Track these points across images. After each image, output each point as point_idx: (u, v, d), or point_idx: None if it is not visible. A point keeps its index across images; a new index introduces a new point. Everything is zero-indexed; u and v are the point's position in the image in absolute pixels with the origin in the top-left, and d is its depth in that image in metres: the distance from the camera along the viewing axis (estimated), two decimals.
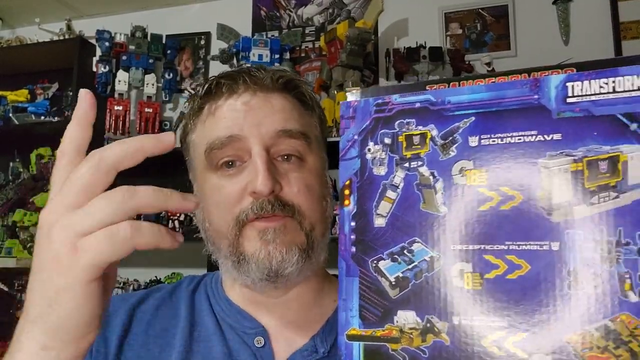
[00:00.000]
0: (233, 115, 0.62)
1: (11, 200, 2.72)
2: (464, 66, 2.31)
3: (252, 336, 0.63)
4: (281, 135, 0.61)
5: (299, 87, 0.66)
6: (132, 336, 0.64)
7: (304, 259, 0.59)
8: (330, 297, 0.68)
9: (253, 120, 0.61)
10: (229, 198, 0.60)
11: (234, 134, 0.60)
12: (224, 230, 0.61)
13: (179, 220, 2.45)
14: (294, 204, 0.60)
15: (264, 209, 0.58)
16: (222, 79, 0.64)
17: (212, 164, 0.62)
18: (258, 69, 0.64)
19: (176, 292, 0.70)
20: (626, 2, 2.23)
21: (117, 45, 2.58)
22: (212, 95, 0.64)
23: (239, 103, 0.62)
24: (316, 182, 0.63)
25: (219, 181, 0.62)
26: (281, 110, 0.62)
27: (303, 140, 0.62)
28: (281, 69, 0.67)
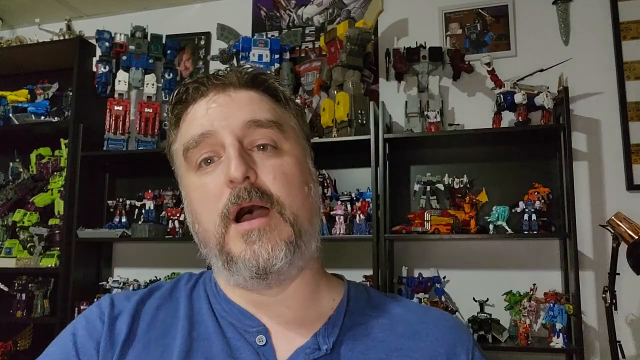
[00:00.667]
0: (203, 114, 0.63)
1: (11, 200, 2.71)
2: (464, 66, 2.31)
3: (254, 334, 0.63)
4: (251, 125, 0.61)
5: (266, 81, 0.66)
6: (135, 338, 0.64)
7: (292, 251, 0.59)
8: (328, 295, 0.68)
9: (221, 115, 0.62)
10: (211, 195, 0.61)
11: (205, 130, 0.61)
12: (211, 229, 0.61)
13: (179, 220, 2.45)
14: (271, 192, 0.60)
15: (240, 197, 0.58)
16: (189, 85, 0.65)
17: (191, 165, 0.63)
18: (225, 70, 0.66)
19: (175, 290, 0.70)
20: (626, 2, 2.23)
21: (117, 45, 2.58)
22: (184, 102, 0.66)
23: (209, 103, 0.64)
24: (295, 167, 0.63)
25: (200, 179, 0.62)
26: (249, 102, 0.64)
27: (275, 129, 0.62)
28: (247, 66, 0.67)
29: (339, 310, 0.66)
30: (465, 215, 2.13)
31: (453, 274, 2.25)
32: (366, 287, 0.73)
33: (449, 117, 2.35)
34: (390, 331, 0.66)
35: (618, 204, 2.07)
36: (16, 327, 2.56)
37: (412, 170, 2.35)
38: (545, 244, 2.19)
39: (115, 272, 2.66)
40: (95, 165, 2.59)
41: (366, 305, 0.69)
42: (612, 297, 1.73)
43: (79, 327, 0.65)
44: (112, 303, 0.67)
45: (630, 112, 2.17)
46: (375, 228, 2.08)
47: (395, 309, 0.69)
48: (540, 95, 2.06)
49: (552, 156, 2.20)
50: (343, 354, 0.62)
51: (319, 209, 0.67)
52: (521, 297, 2.05)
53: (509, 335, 2.05)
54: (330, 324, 0.64)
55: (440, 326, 0.67)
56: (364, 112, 2.20)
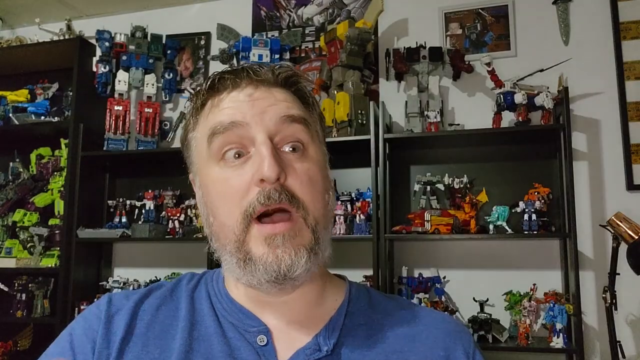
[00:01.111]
0: (236, 105, 0.61)
1: (11, 200, 2.71)
2: (464, 66, 2.31)
3: (255, 334, 0.63)
4: (285, 120, 0.61)
5: (299, 82, 0.66)
6: (133, 338, 0.64)
7: (312, 258, 0.59)
8: (331, 296, 0.68)
9: (256, 109, 0.61)
10: (236, 190, 0.59)
11: (237, 120, 0.60)
12: (231, 224, 0.59)
13: (178, 220, 2.45)
14: (299, 196, 0.59)
15: (271, 198, 0.57)
16: (225, 74, 0.64)
17: (215, 154, 0.61)
18: (260, 66, 0.65)
19: (176, 290, 0.70)
20: (626, 2, 2.23)
21: (117, 45, 2.58)
22: (215, 90, 0.64)
23: (242, 95, 0.62)
24: (319, 174, 0.62)
25: (224, 172, 0.60)
26: (283, 100, 0.63)
27: (305, 126, 0.62)
28: (283, 65, 0.67)
29: (340, 311, 0.66)
30: (465, 215, 2.13)
31: (453, 274, 2.25)
32: (368, 288, 0.73)
33: (449, 117, 2.35)
34: (390, 333, 0.65)
35: (618, 204, 2.07)
36: (16, 327, 2.57)
37: (412, 170, 2.35)
38: (545, 244, 2.19)
39: (115, 272, 2.66)
40: (95, 165, 2.59)
41: (367, 306, 0.69)
42: (612, 297, 1.73)
43: (77, 326, 0.65)
44: (110, 302, 0.67)
45: (630, 112, 2.17)
46: (375, 228, 2.08)
47: (395, 311, 0.69)
48: (540, 95, 2.06)
49: (552, 156, 2.20)
50: (343, 355, 0.62)
51: (333, 217, 0.67)
52: (521, 297, 2.05)
53: (509, 335, 2.05)
54: (331, 325, 0.64)
55: (440, 328, 0.67)
56: (364, 112, 2.20)
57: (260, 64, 0.65)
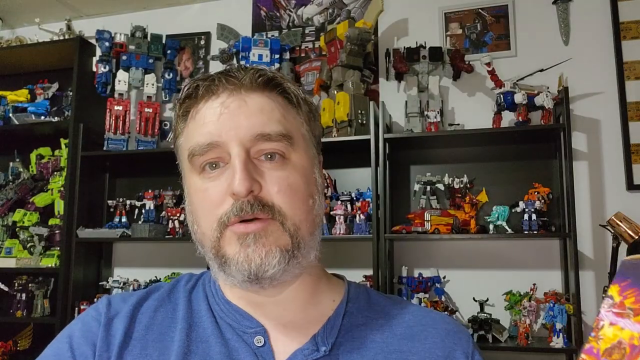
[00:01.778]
0: (211, 120, 0.61)
1: (11, 200, 2.72)
2: (464, 66, 2.31)
3: (252, 335, 0.62)
4: (259, 138, 0.60)
5: (280, 84, 0.64)
6: (132, 341, 0.64)
7: (287, 260, 0.59)
8: (328, 297, 0.68)
9: (231, 123, 0.60)
10: (212, 201, 0.60)
11: (213, 140, 0.60)
12: (208, 233, 0.61)
13: (178, 220, 2.45)
14: (274, 204, 0.59)
15: (243, 210, 0.58)
16: (201, 81, 0.63)
17: (195, 167, 0.63)
18: (238, 70, 0.63)
19: (174, 292, 0.70)
20: (626, 2, 2.23)
21: (117, 45, 2.58)
22: (193, 98, 0.64)
23: (216, 104, 0.62)
24: (301, 180, 0.62)
25: (203, 184, 0.62)
26: (259, 111, 0.61)
27: (284, 142, 0.61)
28: (261, 68, 0.64)
29: (338, 311, 0.66)
30: (465, 215, 2.13)
31: (453, 274, 2.25)
32: (367, 288, 0.73)
33: (449, 117, 2.35)
34: (389, 333, 0.65)
35: (618, 204, 2.07)
36: (16, 327, 2.57)
37: (412, 170, 2.35)
38: (545, 244, 2.19)
39: (115, 272, 2.66)
40: (95, 165, 2.59)
41: (366, 306, 0.69)
42: None
43: (76, 329, 0.65)
44: (108, 305, 0.67)
45: (630, 112, 2.17)
46: (375, 228, 2.08)
47: (394, 311, 0.69)
48: (540, 95, 2.06)
49: (552, 156, 2.20)
50: (341, 356, 0.62)
51: (322, 220, 0.66)
52: (521, 297, 2.05)
53: (509, 335, 2.05)
54: (328, 325, 0.64)
55: (439, 329, 0.67)
56: (364, 112, 2.20)
57: (242, 67, 0.65)
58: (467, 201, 2.16)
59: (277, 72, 0.66)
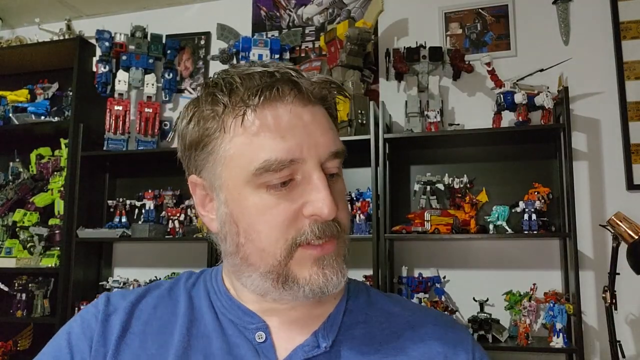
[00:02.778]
0: (289, 132, 0.57)
1: (11, 200, 2.72)
2: (464, 66, 2.31)
3: (253, 331, 0.63)
4: (332, 155, 0.60)
5: (332, 98, 0.64)
6: (130, 336, 0.64)
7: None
8: (333, 296, 0.68)
9: (310, 139, 0.58)
10: (282, 219, 0.57)
11: (295, 157, 0.56)
12: (272, 251, 0.57)
13: (178, 220, 2.45)
14: (344, 223, 0.61)
15: (326, 232, 0.57)
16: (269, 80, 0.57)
17: (260, 182, 0.57)
18: (298, 74, 0.59)
19: (175, 289, 0.70)
20: (626, 2, 2.23)
21: (117, 45, 2.58)
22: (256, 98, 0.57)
23: (290, 115, 0.57)
24: (345, 192, 0.66)
25: (269, 199, 0.57)
26: (329, 128, 0.61)
27: (342, 158, 0.63)
28: (315, 76, 0.61)
29: (338, 308, 0.67)
30: (465, 215, 2.13)
31: (453, 274, 2.25)
32: (367, 286, 0.74)
33: (449, 117, 2.35)
34: (388, 330, 0.66)
35: (618, 204, 2.07)
36: (16, 327, 2.57)
37: (412, 170, 2.35)
38: (545, 244, 2.19)
39: (115, 272, 2.66)
40: (95, 165, 2.59)
41: (366, 304, 0.69)
42: (612, 297, 1.73)
43: (74, 325, 0.66)
44: (107, 301, 0.68)
45: (630, 112, 2.17)
46: (375, 228, 2.08)
47: (394, 309, 0.69)
48: (540, 95, 2.06)
49: (552, 156, 2.20)
50: (342, 352, 0.63)
51: None
52: (521, 297, 2.05)
53: (509, 335, 2.05)
54: (329, 322, 0.65)
55: (439, 327, 0.67)
56: (364, 112, 2.20)
57: (295, 70, 0.60)
58: (467, 201, 2.15)
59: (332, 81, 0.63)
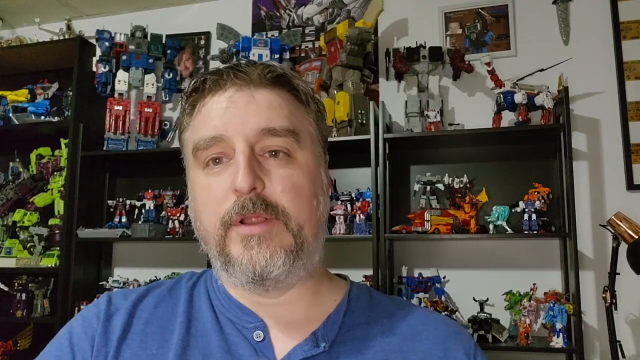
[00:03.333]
0: (218, 114, 0.60)
1: (11, 200, 2.72)
2: (464, 66, 2.31)
3: (252, 330, 0.63)
4: (265, 133, 0.59)
5: (290, 81, 0.63)
6: (131, 335, 0.64)
7: (291, 261, 0.58)
8: (329, 296, 0.68)
9: (237, 118, 0.59)
10: (214, 197, 0.59)
11: (219, 134, 0.59)
12: (211, 231, 0.60)
13: (178, 220, 2.45)
14: (277, 203, 0.58)
15: (245, 207, 0.57)
16: (209, 75, 0.63)
17: (199, 162, 0.62)
18: (248, 65, 0.63)
19: (175, 288, 0.70)
20: (626, 2, 2.23)
21: (117, 45, 2.58)
22: (200, 92, 0.63)
23: (223, 99, 0.61)
24: (306, 179, 0.61)
25: (206, 179, 0.61)
26: (267, 107, 0.61)
27: (291, 138, 0.60)
28: (271, 64, 0.63)
29: (338, 309, 0.66)
30: (465, 215, 2.13)
31: (453, 274, 2.25)
32: (369, 288, 0.73)
33: (449, 117, 2.35)
34: (389, 332, 0.65)
35: (618, 204, 2.07)
36: (16, 327, 2.56)
37: (412, 170, 2.35)
38: (545, 244, 2.19)
39: (115, 272, 2.66)
40: (95, 165, 2.60)
41: (367, 305, 0.69)
42: (612, 297, 1.74)
43: (76, 325, 0.66)
44: (109, 301, 0.68)
45: (630, 112, 2.17)
46: (375, 228, 2.08)
47: (396, 311, 0.69)
48: (540, 95, 2.06)
49: (552, 156, 2.20)
50: (341, 352, 0.62)
51: (326, 221, 0.65)
52: (521, 297, 2.05)
53: (509, 335, 2.05)
54: (329, 322, 0.65)
55: (440, 330, 0.67)
56: (364, 112, 2.20)
57: (251, 62, 0.64)
58: (467, 201, 2.15)
59: (287, 68, 0.66)
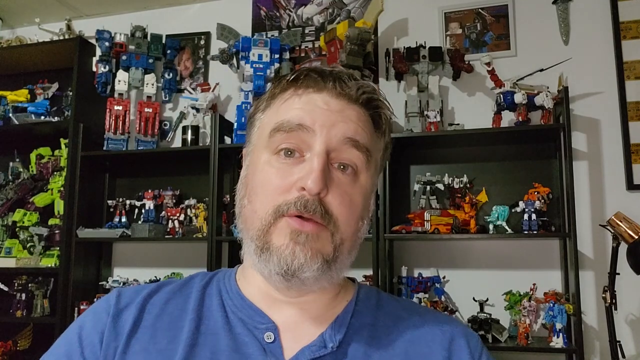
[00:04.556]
0: (310, 108, 0.62)
1: (11, 200, 2.72)
2: (464, 66, 2.31)
3: (263, 331, 0.63)
4: (347, 142, 0.61)
5: (378, 107, 0.66)
6: (141, 330, 0.65)
7: (325, 269, 0.60)
8: (343, 298, 0.69)
9: (327, 119, 0.61)
10: (277, 185, 0.61)
11: (305, 124, 0.61)
12: (261, 213, 0.61)
13: (178, 220, 2.45)
14: (333, 213, 0.60)
15: (307, 207, 0.58)
16: (313, 73, 0.64)
17: (273, 145, 0.62)
18: (348, 76, 0.65)
19: (187, 286, 0.71)
20: (626, 2, 2.23)
21: (117, 45, 2.58)
22: (298, 84, 0.65)
23: (320, 100, 0.63)
24: (361, 200, 0.64)
25: (274, 164, 0.62)
26: (356, 120, 0.63)
27: (365, 155, 0.63)
28: (367, 84, 0.66)
29: (347, 310, 0.67)
30: (465, 215, 2.13)
31: (453, 274, 2.25)
32: (377, 290, 0.75)
33: (449, 117, 2.35)
34: (396, 334, 0.66)
35: (618, 204, 2.07)
36: (16, 327, 2.56)
37: (412, 170, 2.35)
38: (545, 244, 2.19)
39: (115, 272, 2.66)
40: (95, 165, 2.59)
41: (375, 307, 0.70)
42: (612, 297, 1.74)
43: (86, 320, 0.67)
44: (119, 296, 0.69)
45: (630, 112, 2.17)
46: (375, 228, 2.08)
47: (403, 313, 0.70)
48: (540, 95, 2.06)
49: (552, 156, 2.20)
50: (349, 353, 0.63)
51: (359, 244, 0.67)
52: (521, 297, 2.05)
53: (509, 335, 2.05)
54: (337, 323, 0.65)
55: (446, 331, 0.67)
56: None
57: (350, 74, 0.65)
58: (467, 201, 2.15)
59: (379, 91, 0.67)
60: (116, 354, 0.63)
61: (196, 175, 2.55)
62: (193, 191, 2.54)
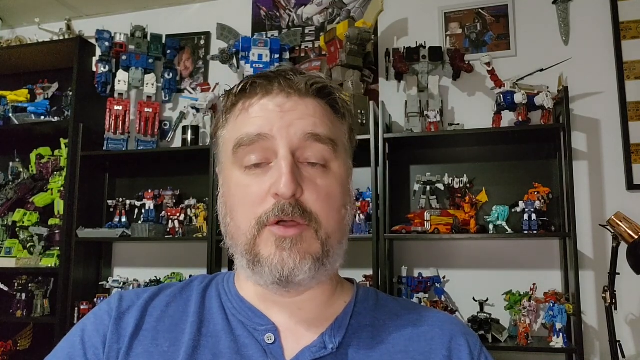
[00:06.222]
0: (265, 115, 0.62)
1: (11, 200, 2.72)
2: (464, 66, 2.31)
3: (263, 333, 0.64)
4: (309, 138, 0.62)
5: (332, 93, 0.67)
6: (143, 332, 0.66)
7: (317, 267, 0.61)
8: (341, 298, 0.69)
9: (283, 122, 0.62)
10: (253, 198, 0.61)
11: (263, 132, 0.61)
12: (244, 229, 0.61)
13: (178, 220, 2.45)
14: (312, 211, 0.61)
15: (284, 211, 0.59)
16: (258, 79, 0.65)
17: (239, 161, 0.63)
18: (294, 73, 0.65)
19: (187, 290, 0.72)
20: (626, 2, 2.23)
21: (117, 45, 2.58)
22: (247, 93, 0.65)
23: (271, 104, 0.63)
24: (338, 190, 0.64)
25: (245, 179, 0.62)
26: (312, 114, 0.63)
27: (330, 146, 0.63)
28: (316, 75, 0.66)
29: (346, 311, 0.68)
30: (465, 215, 2.13)
31: (453, 274, 2.25)
32: (376, 290, 0.75)
33: (449, 117, 2.35)
34: (396, 333, 0.66)
35: (618, 204, 2.07)
36: (16, 327, 2.57)
37: (412, 170, 2.35)
38: (545, 244, 2.19)
39: (115, 272, 2.66)
40: (95, 165, 2.60)
41: (374, 307, 0.70)
42: (612, 297, 1.74)
43: (88, 323, 0.68)
44: (121, 299, 0.69)
45: (630, 112, 2.17)
46: (375, 228, 2.08)
47: (402, 312, 0.70)
48: (540, 95, 2.06)
49: (552, 156, 2.20)
50: (349, 354, 0.63)
51: (349, 228, 0.68)
52: (521, 297, 2.05)
53: (509, 335, 2.05)
54: (337, 324, 0.66)
55: (446, 330, 0.67)
56: (364, 112, 2.20)
57: (296, 70, 0.66)
58: (467, 201, 2.15)
59: (329, 80, 0.68)
60: (119, 356, 0.63)
61: (196, 175, 2.55)
62: (193, 191, 2.54)
